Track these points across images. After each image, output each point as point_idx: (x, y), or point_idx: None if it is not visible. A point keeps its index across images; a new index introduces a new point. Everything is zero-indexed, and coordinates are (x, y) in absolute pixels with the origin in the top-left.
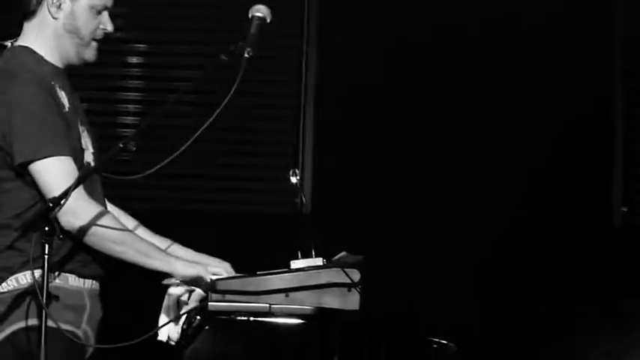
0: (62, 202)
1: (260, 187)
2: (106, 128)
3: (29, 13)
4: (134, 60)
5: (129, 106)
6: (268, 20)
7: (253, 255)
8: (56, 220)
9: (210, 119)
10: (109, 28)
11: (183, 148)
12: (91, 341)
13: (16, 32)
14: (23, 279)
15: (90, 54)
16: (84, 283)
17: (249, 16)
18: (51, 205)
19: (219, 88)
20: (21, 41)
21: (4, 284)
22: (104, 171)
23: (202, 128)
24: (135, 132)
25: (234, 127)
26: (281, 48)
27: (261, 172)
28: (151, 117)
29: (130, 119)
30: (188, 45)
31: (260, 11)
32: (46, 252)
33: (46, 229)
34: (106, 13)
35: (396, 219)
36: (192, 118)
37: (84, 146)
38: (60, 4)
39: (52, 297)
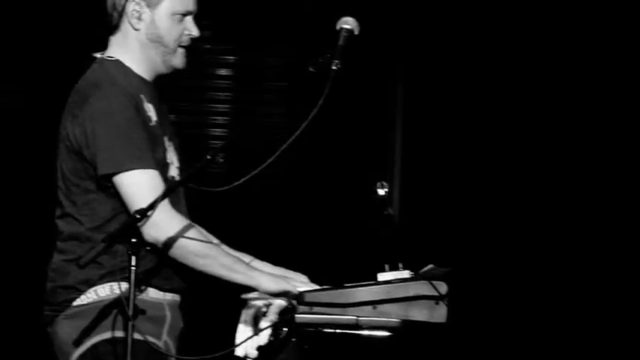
0: (149, 213)
1: (348, 200)
2: (194, 140)
3: (112, 27)
4: (222, 72)
5: (217, 117)
6: (356, 32)
7: (341, 267)
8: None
9: (298, 132)
10: (194, 32)
11: (270, 159)
12: (172, 352)
13: (105, 44)
14: (102, 291)
15: (178, 61)
16: (164, 296)
17: (337, 28)
18: (138, 216)
19: (307, 101)
20: (109, 54)
21: (82, 296)
22: (191, 183)
23: (289, 141)
24: (223, 143)
25: (321, 140)
26: (368, 59)
27: (349, 184)
28: (238, 129)
29: (218, 131)
30: (276, 57)
31: (348, 23)
32: (133, 264)
33: (133, 240)
34: (189, 18)
35: (484, 231)
36: (280, 130)
37: (169, 160)
38: (140, 15)
39: (138, 310)
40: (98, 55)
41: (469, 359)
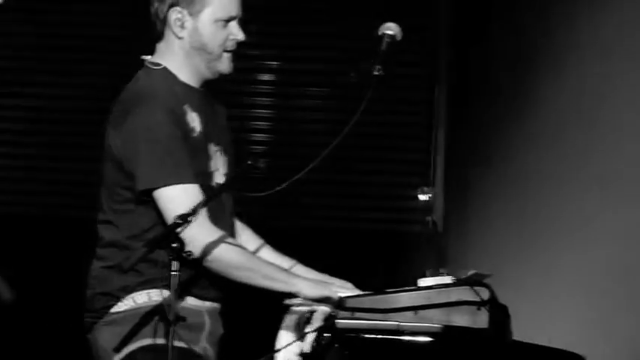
0: (189, 218)
1: (390, 206)
2: (237, 145)
3: (157, 35)
4: (265, 77)
5: (259, 123)
6: (399, 38)
7: (382, 273)
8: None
9: (340, 137)
10: (240, 37)
11: (312, 165)
12: (211, 359)
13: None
14: (140, 298)
15: (223, 66)
16: (203, 303)
17: (380, 33)
18: (179, 221)
19: (349, 106)
20: (156, 60)
21: (120, 303)
22: (232, 189)
23: (332, 146)
24: (264, 149)
25: (363, 145)
26: (411, 65)
27: (391, 190)
28: (280, 134)
29: (260, 136)
30: (318, 63)
31: (390, 29)
32: (175, 269)
33: (174, 245)
34: (234, 23)
35: (527, 237)
36: (321, 136)
37: (213, 168)
38: (183, 24)
39: (180, 318)
40: (147, 58)
41: None
